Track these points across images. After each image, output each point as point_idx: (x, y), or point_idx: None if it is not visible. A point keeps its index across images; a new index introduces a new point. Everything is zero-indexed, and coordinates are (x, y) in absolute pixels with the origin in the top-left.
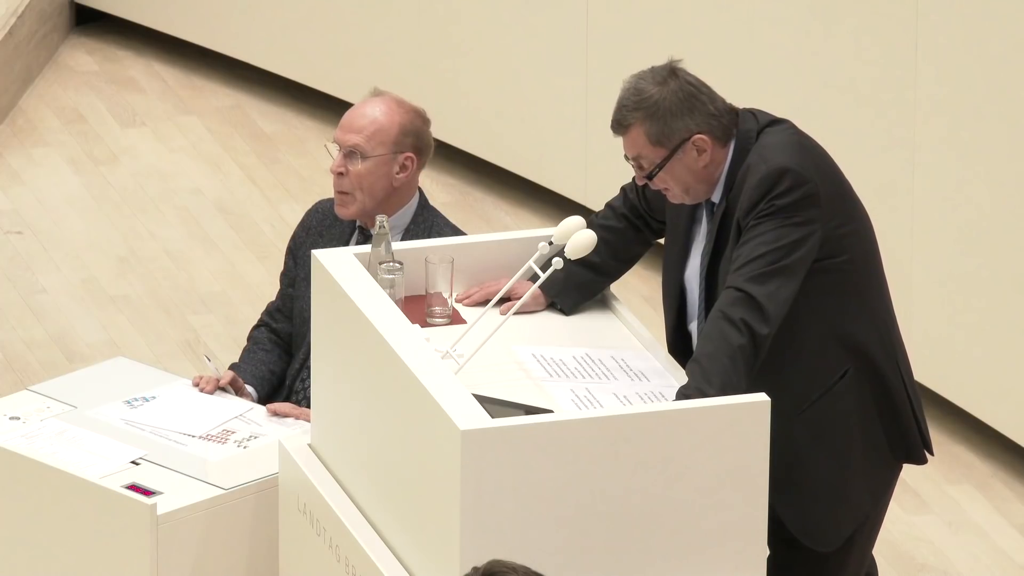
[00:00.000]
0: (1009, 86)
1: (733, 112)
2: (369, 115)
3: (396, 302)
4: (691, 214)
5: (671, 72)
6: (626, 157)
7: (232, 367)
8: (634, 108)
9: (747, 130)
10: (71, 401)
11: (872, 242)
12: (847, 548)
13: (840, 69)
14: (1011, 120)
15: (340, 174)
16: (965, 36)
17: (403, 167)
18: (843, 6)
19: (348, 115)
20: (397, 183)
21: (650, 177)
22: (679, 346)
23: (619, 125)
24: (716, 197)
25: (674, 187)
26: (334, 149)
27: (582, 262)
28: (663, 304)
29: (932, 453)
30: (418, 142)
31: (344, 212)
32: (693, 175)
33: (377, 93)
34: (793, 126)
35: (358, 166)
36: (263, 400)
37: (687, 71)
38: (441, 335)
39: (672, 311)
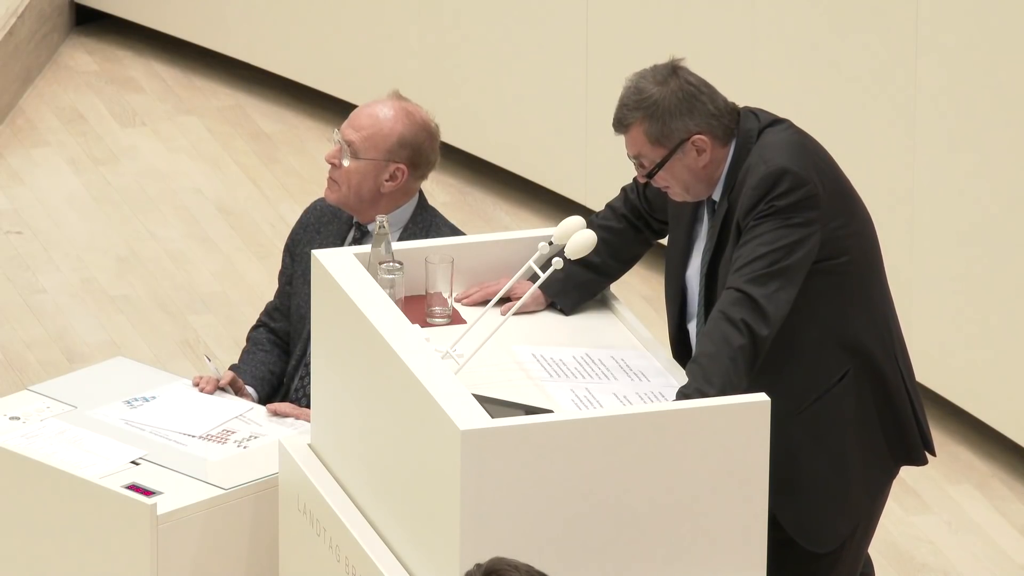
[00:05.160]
0: (1010, 85)
1: (734, 112)
2: (374, 117)
3: (396, 302)
4: (693, 213)
5: (672, 71)
6: (629, 156)
7: (232, 368)
8: (634, 107)
9: (748, 130)
10: (71, 401)
11: (873, 242)
12: (841, 548)
13: (840, 68)
14: (1012, 120)
15: (332, 165)
16: (965, 35)
17: (392, 176)
18: (843, 4)
19: (357, 110)
20: (385, 189)
21: (650, 176)
22: (680, 345)
23: (620, 124)
24: (717, 196)
25: (674, 186)
26: (336, 138)
27: (582, 262)
28: (666, 304)
29: (934, 454)
30: (414, 156)
31: (328, 196)
32: (693, 174)
33: (396, 96)
34: (794, 126)
35: (348, 163)
36: (263, 400)
37: (689, 70)
38: (441, 335)
39: (674, 310)
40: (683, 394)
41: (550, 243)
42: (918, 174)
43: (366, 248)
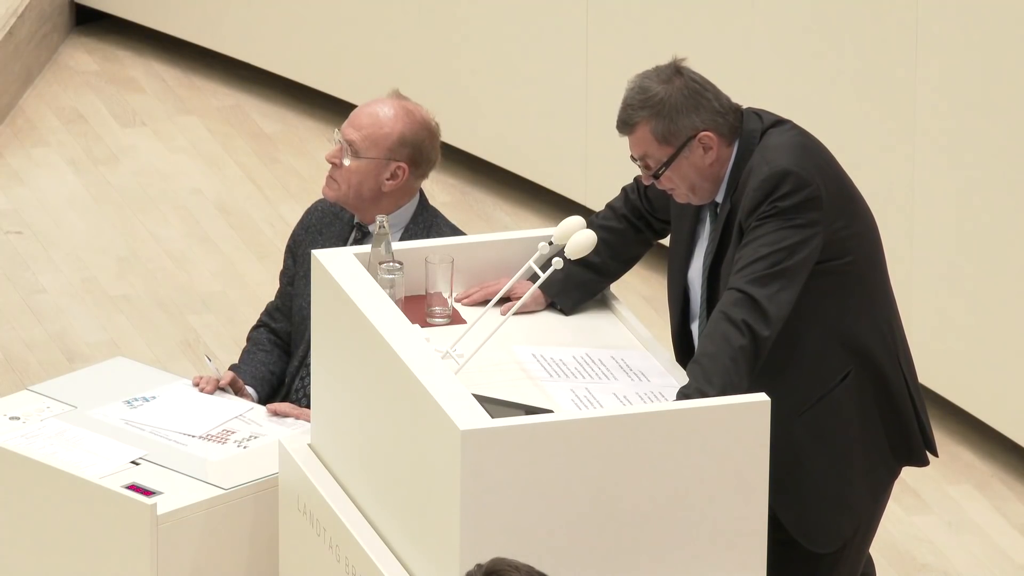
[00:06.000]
0: (1009, 86)
1: (738, 111)
2: (374, 116)
3: (396, 302)
4: (695, 214)
5: (676, 71)
6: (632, 158)
7: (232, 368)
8: (640, 107)
9: (751, 130)
10: (71, 401)
11: (876, 242)
12: (843, 548)
13: (840, 68)
14: (1011, 120)
15: (333, 164)
16: (965, 35)
17: (393, 175)
18: (843, 5)
19: (357, 110)
20: (386, 188)
21: (656, 176)
22: (683, 345)
23: (625, 124)
24: (719, 197)
25: (680, 186)
26: (336, 137)
27: (582, 262)
28: (668, 304)
29: (936, 454)
30: (415, 154)
31: (327, 193)
32: (699, 173)
33: (396, 95)
34: (797, 127)
35: (349, 163)
36: (263, 401)
37: (691, 69)
38: (441, 335)
39: (676, 311)
40: (683, 394)
41: (550, 243)
42: (918, 174)
43: (366, 248)
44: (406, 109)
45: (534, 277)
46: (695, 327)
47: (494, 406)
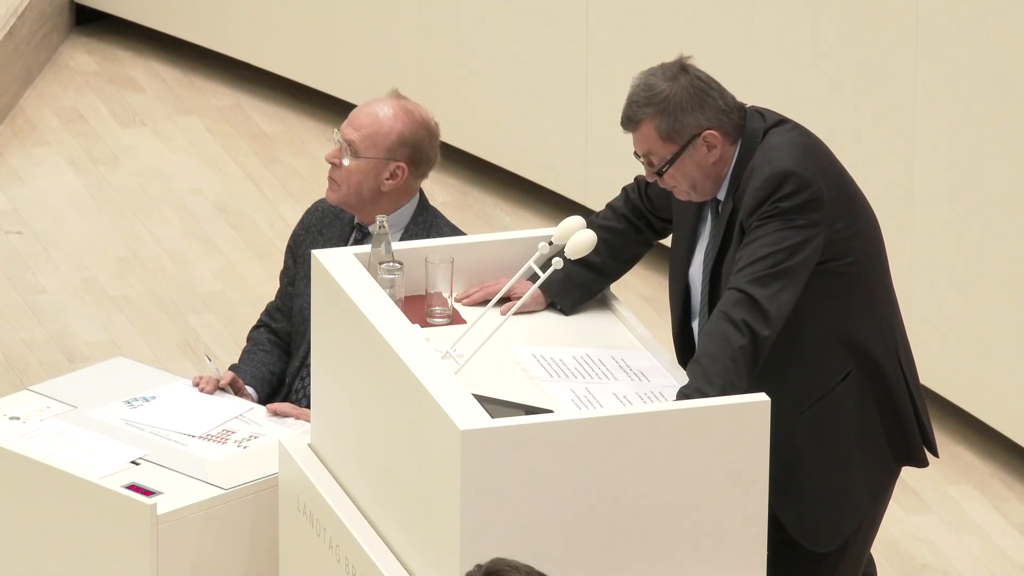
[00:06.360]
0: (1009, 85)
1: (742, 109)
2: (373, 116)
3: (396, 302)
4: (697, 212)
5: (681, 68)
6: (636, 155)
7: (232, 368)
8: (645, 103)
9: (753, 129)
10: (71, 401)
11: (878, 243)
12: (844, 548)
13: (839, 68)
14: (1011, 120)
15: (333, 164)
16: (965, 35)
17: (393, 175)
18: (843, 5)
19: (357, 110)
20: (386, 188)
21: (660, 174)
22: (684, 343)
23: (629, 121)
24: (721, 196)
25: (682, 183)
26: (336, 137)
27: (582, 262)
28: (669, 301)
29: (936, 455)
30: (415, 154)
31: (330, 196)
32: (702, 171)
33: (395, 95)
34: (800, 127)
35: (348, 163)
36: (263, 401)
37: (697, 67)
38: (441, 335)
39: (677, 308)
40: (683, 394)
41: (550, 243)
42: (918, 174)
43: (366, 248)
44: (405, 109)
45: (534, 277)
46: (696, 324)
47: (494, 406)
